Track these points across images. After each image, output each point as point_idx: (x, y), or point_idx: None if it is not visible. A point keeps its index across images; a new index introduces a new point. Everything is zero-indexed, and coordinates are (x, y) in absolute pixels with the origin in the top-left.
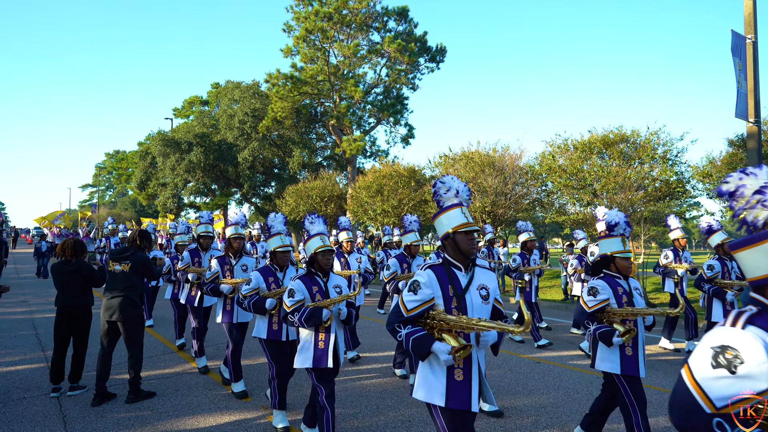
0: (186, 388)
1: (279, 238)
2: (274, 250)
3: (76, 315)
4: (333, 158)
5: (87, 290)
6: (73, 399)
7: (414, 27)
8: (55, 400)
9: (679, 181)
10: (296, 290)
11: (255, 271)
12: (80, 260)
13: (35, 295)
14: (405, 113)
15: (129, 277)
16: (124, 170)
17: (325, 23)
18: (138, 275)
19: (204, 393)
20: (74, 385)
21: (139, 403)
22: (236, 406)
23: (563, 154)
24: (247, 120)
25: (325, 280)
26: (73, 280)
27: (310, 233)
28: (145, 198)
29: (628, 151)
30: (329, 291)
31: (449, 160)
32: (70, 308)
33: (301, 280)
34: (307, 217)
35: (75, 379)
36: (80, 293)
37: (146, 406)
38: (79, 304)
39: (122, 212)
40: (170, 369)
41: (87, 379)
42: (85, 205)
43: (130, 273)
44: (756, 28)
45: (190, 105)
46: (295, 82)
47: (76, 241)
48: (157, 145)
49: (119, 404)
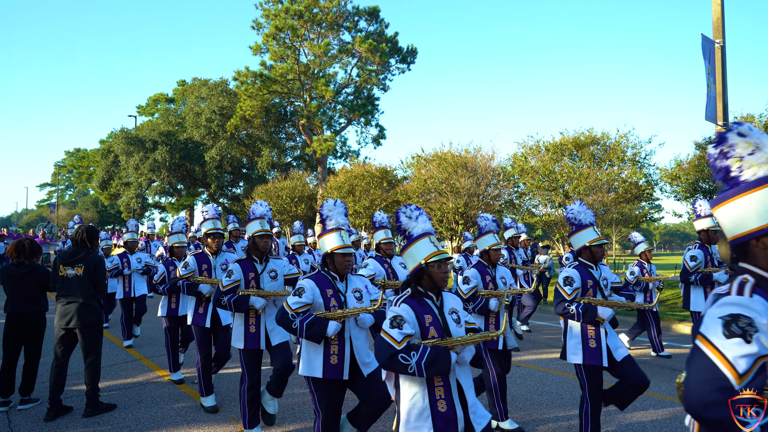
0: (149, 400)
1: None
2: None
3: (29, 322)
4: (303, 158)
5: (41, 295)
6: (24, 413)
7: (385, 27)
8: (4, 414)
9: (648, 183)
10: (306, 289)
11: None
12: (33, 262)
13: None
14: (376, 114)
15: (84, 282)
16: (85, 169)
17: (295, 21)
18: (92, 278)
19: (169, 405)
20: (25, 398)
21: (97, 417)
22: (204, 418)
23: (535, 156)
24: (214, 118)
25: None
26: (26, 284)
27: (327, 226)
28: (108, 198)
29: (599, 153)
30: (347, 296)
31: (422, 161)
32: (21, 314)
33: (313, 279)
34: (325, 204)
35: (26, 391)
36: (33, 298)
37: (106, 420)
38: (31, 309)
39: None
40: (132, 378)
41: (40, 392)
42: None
43: (84, 277)
44: (724, 32)
45: (155, 102)
46: (264, 80)
47: (32, 241)
48: (120, 144)
49: (76, 419)
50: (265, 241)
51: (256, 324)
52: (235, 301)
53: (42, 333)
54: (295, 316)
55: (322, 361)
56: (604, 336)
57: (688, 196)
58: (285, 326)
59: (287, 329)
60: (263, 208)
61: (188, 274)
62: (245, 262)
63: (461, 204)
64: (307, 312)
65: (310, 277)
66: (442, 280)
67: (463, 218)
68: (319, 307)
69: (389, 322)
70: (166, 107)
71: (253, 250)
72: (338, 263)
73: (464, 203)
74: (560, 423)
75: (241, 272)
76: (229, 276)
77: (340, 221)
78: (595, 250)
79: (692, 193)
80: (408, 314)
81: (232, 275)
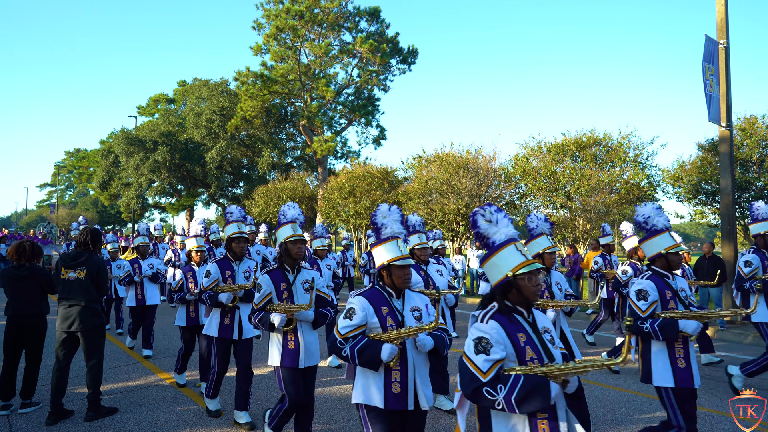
0: (152, 403)
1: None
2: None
3: (30, 324)
4: (303, 159)
5: (42, 297)
6: (25, 417)
7: (386, 28)
8: (4, 418)
9: (650, 184)
10: (357, 309)
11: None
12: (34, 264)
13: None
14: (376, 114)
15: (86, 285)
16: (85, 169)
17: (296, 21)
18: (95, 281)
19: (171, 408)
20: (26, 402)
21: (99, 421)
22: (207, 422)
23: (537, 157)
24: (215, 119)
25: (400, 300)
26: (27, 286)
27: (382, 235)
28: (108, 198)
29: (601, 155)
30: (405, 315)
31: (423, 162)
32: (22, 317)
33: (366, 296)
34: (378, 210)
35: (27, 395)
36: (34, 301)
37: (107, 423)
38: (32, 312)
39: (83, 212)
40: (134, 381)
41: (41, 395)
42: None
43: (86, 280)
44: (728, 33)
45: (156, 103)
46: (265, 80)
47: (33, 243)
48: (120, 144)
49: (77, 422)
50: (298, 248)
51: (295, 339)
52: (261, 320)
53: (43, 336)
54: (343, 343)
55: (383, 389)
56: (695, 355)
57: (691, 198)
58: (337, 354)
59: (340, 358)
60: (295, 211)
61: (212, 284)
62: (276, 272)
63: (463, 205)
64: (359, 336)
65: (363, 294)
66: (534, 294)
67: (465, 219)
68: (375, 329)
69: (473, 345)
70: (167, 107)
71: (285, 257)
72: (396, 276)
73: (465, 204)
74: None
75: (271, 284)
76: (259, 290)
77: (395, 229)
78: (672, 258)
79: (694, 195)
80: (498, 333)
81: (262, 289)
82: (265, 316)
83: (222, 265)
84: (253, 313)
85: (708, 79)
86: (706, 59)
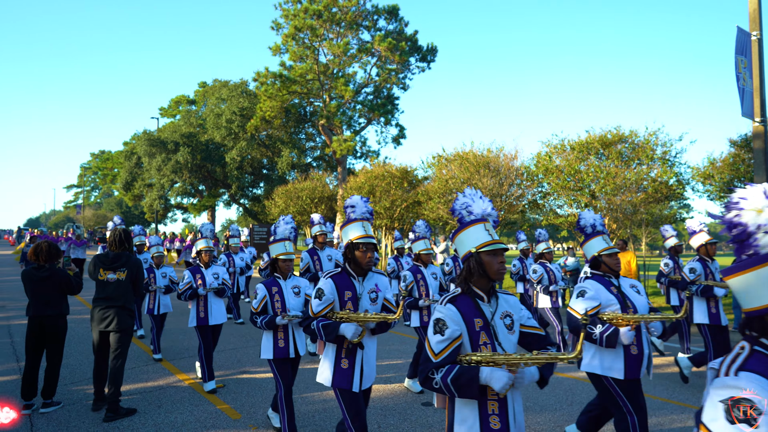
0: (170, 404)
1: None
2: None
3: (50, 325)
4: (323, 158)
5: (62, 298)
6: (46, 417)
7: (404, 26)
8: (26, 418)
9: (678, 182)
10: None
11: None
12: (54, 265)
13: (14, 300)
14: (396, 113)
15: (125, 286)
16: (110, 170)
17: (314, 21)
18: (134, 282)
19: (189, 410)
20: (47, 401)
21: (117, 422)
22: (225, 424)
23: (560, 155)
24: (234, 119)
25: None
26: (47, 287)
27: None
28: (131, 199)
29: (627, 152)
30: None
31: (443, 161)
32: (42, 318)
33: None
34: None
35: (48, 395)
36: (54, 301)
37: (126, 425)
38: (53, 313)
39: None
40: (153, 382)
41: (61, 395)
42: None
43: (126, 281)
44: (761, 24)
45: (177, 104)
46: (284, 80)
47: (50, 244)
48: (142, 145)
49: (96, 423)
50: (369, 256)
51: (350, 358)
52: (325, 327)
53: (63, 336)
54: None
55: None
56: None
57: (723, 196)
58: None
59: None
60: (364, 207)
61: (261, 304)
62: (341, 276)
63: None
64: None
65: None
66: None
67: None
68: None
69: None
70: (188, 109)
71: (351, 263)
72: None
73: None
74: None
75: (335, 290)
76: (320, 297)
77: None
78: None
79: (726, 193)
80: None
81: (323, 296)
82: (333, 326)
83: (268, 285)
84: (311, 320)
85: (741, 73)
86: (738, 51)
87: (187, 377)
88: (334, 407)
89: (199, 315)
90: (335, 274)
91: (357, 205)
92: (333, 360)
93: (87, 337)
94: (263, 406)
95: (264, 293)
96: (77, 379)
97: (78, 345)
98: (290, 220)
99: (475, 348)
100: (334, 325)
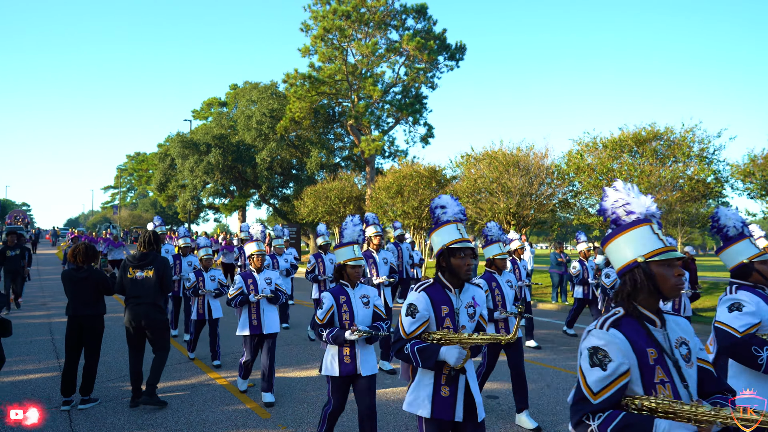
0: (201, 402)
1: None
2: None
3: (88, 324)
4: (351, 159)
5: (99, 298)
6: (84, 413)
7: (433, 25)
8: (65, 414)
9: (717, 181)
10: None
11: None
12: (91, 267)
13: (54, 298)
14: (424, 112)
15: (153, 283)
16: (145, 172)
17: (342, 22)
18: (161, 279)
19: (220, 408)
20: (85, 398)
21: (151, 420)
22: (254, 423)
23: (592, 153)
24: (264, 121)
25: None
26: (84, 288)
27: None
28: (165, 199)
29: (662, 150)
30: None
31: (471, 160)
32: (81, 317)
33: None
34: None
35: (86, 391)
36: (92, 301)
37: (159, 422)
38: (90, 313)
39: (143, 213)
40: (185, 380)
41: (99, 392)
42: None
43: (154, 278)
44: None
45: (209, 106)
46: (312, 81)
47: (87, 246)
48: (176, 147)
49: (131, 419)
50: (468, 264)
51: (452, 386)
52: (422, 351)
53: (101, 335)
54: None
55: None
56: None
57: (764, 194)
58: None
59: None
60: (456, 207)
61: (328, 315)
62: (435, 289)
63: (513, 204)
64: None
65: None
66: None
67: (515, 218)
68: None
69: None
70: (219, 111)
71: (446, 272)
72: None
73: (516, 203)
74: None
75: (431, 306)
76: (413, 314)
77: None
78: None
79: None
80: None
81: (417, 312)
82: (432, 349)
83: (335, 293)
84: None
85: None
86: None
87: (218, 376)
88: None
89: (252, 323)
90: (428, 286)
91: (448, 205)
92: (432, 387)
93: (123, 335)
94: (292, 405)
95: (331, 303)
96: (113, 377)
97: (114, 343)
98: (359, 221)
99: (648, 388)
100: (432, 348)
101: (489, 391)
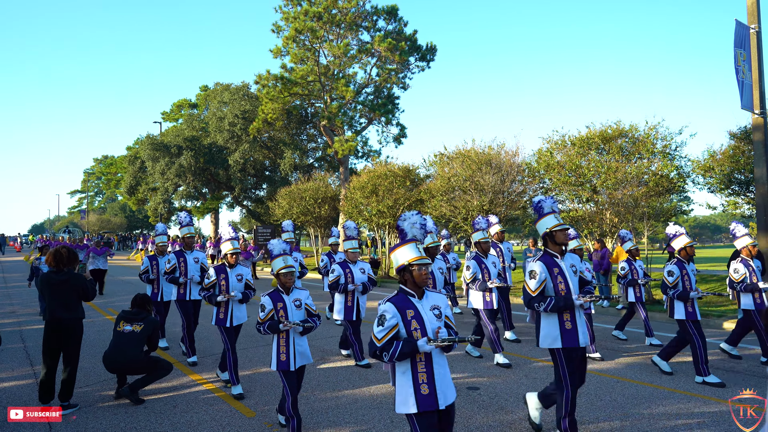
0: (185, 404)
1: None
2: None
3: (69, 328)
4: (325, 159)
5: (79, 302)
6: (65, 419)
7: (404, 26)
8: (45, 421)
9: (679, 176)
10: None
11: None
12: (71, 270)
13: (24, 305)
14: (396, 113)
15: (139, 339)
16: (113, 175)
17: (314, 23)
18: (147, 338)
19: (205, 409)
20: (65, 404)
21: (134, 422)
22: (239, 424)
23: (561, 151)
24: (237, 122)
25: None
26: (64, 292)
27: None
28: (135, 203)
29: (627, 147)
30: None
31: (445, 159)
32: (59, 321)
33: None
34: None
35: (66, 397)
36: (71, 305)
37: (143, 425)
38: (71, 316)
39: (112, 218)
40: (167, 383)
41: (77, 397)
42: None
43: (140, 334)
44: (759, 17)
45: (179, 108)
46: (285, 83)
47: (69, 250)
48: (146, 150)
49: (114, 424)
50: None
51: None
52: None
53: (80, 339)
54: None
55: None
56: None
57: (723, 188)
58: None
59: None
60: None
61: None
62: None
63: (486, 201)
64: None
65: None
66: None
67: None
68: None
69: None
70: (190, 113)
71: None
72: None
73: (489, 200)
74: None
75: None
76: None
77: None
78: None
79: (727, 185)
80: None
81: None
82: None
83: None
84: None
85: (740, 66)
86: (737, 45)
87: (200, 378)
88: (346, 404)
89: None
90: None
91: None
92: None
93: (99, 341)
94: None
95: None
96: (91, 381)
97: (90, 348)
98: (419, 217)
99: None
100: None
101: (469, 383)
